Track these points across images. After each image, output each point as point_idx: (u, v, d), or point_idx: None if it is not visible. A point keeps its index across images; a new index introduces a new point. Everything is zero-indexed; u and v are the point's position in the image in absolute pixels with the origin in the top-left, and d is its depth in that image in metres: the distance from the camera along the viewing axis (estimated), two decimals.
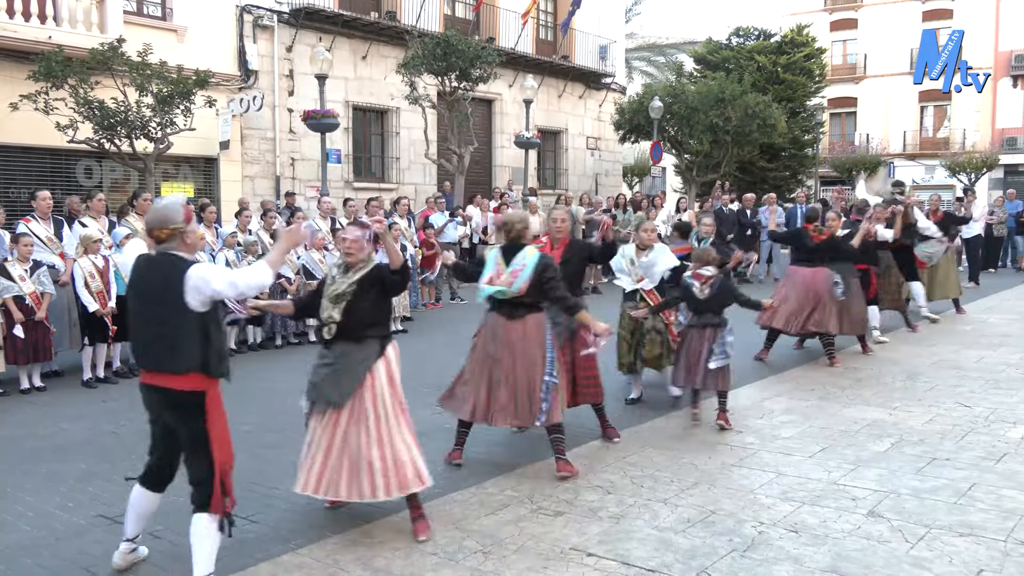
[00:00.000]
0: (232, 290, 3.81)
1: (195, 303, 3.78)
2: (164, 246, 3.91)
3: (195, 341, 3.81)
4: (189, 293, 3.76)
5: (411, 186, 20.89)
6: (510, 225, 5.67)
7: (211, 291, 3.78)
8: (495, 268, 5.56)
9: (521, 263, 5.45)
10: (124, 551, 4.23)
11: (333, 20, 19.18)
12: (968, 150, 35.08)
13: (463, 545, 4.41)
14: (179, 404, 3.87)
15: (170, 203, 4.00)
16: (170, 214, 3.91)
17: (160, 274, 3.86)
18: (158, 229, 3.90)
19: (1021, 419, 6.75)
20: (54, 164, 15.04)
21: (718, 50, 32.12)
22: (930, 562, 4.11)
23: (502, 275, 5.48)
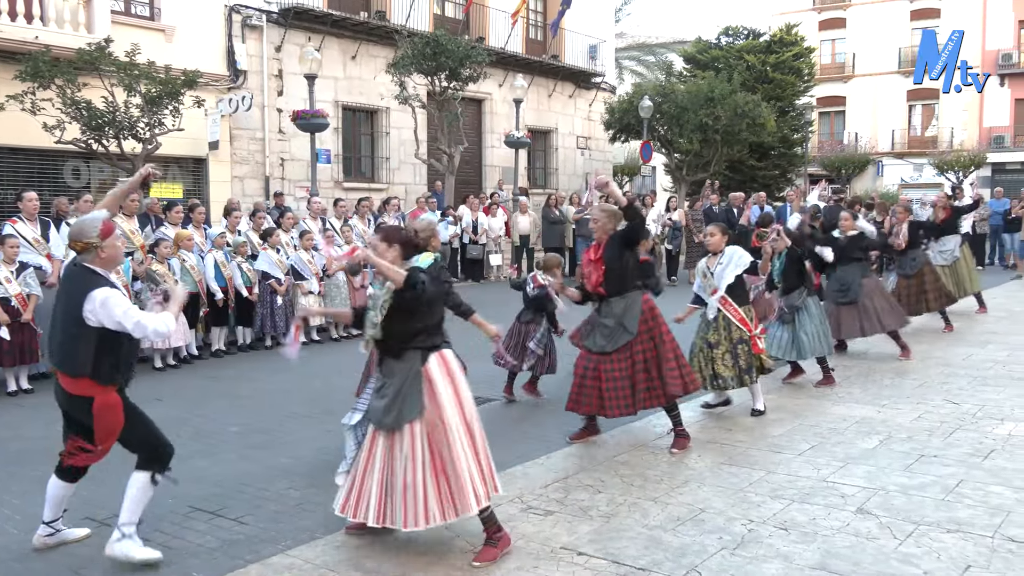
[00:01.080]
0: (138, 331, 4.10)
1: (92, 321, 4.09)
2: (80, 257, 4.24)
3: (88, 351, 4.12)
4: (87, 311, 4.07)
5: (401, 186, 20.86)
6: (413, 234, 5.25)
7: (111, 322, 4.07)
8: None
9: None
10: (41, 534, 4.48)
11: (322, 20, 19.13)
12: (956, 149, 35.28)
13: (454, 545, 4.40)
14: (72, 403, 4.27)
15: (88, 218, 4.30)
16: (85, 228, 4.21)
17: (70, 283, 4.24)
18: (73, 241, 4.24)
19: (1008, 416, 6.79)
20: (41, 165, 14.95)
21: (707, 49, 32.18)
22: (918, 558, 4.13)
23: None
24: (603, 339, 5.93)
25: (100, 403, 4.20)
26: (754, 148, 27.22)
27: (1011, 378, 8.20)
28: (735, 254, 6.79)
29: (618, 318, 5.90)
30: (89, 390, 4.18)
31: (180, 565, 4.26)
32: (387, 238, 4.42)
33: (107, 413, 4.22)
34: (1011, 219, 19.44)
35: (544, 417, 7.15)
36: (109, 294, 4.10)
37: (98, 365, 4.16)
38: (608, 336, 5.92)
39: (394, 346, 4.28)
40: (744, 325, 6.72)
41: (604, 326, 5.94)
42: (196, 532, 4.71)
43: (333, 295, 11.32)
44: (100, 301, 4.06)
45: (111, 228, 4.28)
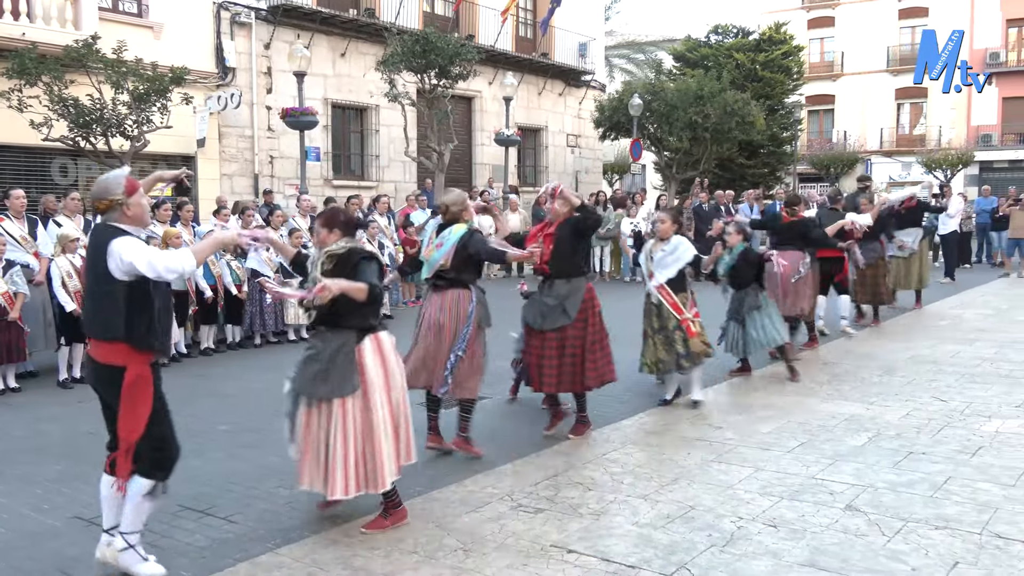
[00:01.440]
0: (150, 271, 3.84)
1: (117, 273, 3.86)
2: (105, 217, 4.02)
3: (118, 308, 3.87)
4: (111, 265, 3.86)
5: (391, 184, 20.83)
6: (445, 206, 5.84)
7: (127, 265, 3.83)
8: (428, 242, 5.82)
9: (444, 238, 5.68)
10: (104, 543, 4.18)
11: (311, 17, 19.08)
12: (944, 147, 35.47)
13: (443, 543, 4.40)
14: (102, 375, 4.00)
15: (112, 175, 4.08)
16: (110, 185, 4.00)
17: (95, 241, 4.01)
18: (97, 200, 4.01)
19: (996, 413, 6.82)
20: (28, 162, 14.88)
21: (697, 48, 32.26)
22: (906, 555, 4.14)
23: (429, 247, 5.74)
24: (540, 317, 6.17)
25: (132, 375, 3.91)
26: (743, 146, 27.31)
27: (998, 375, 8.25)
28: (680, 246, 7.06)
29: (560, 300, 6.12)
30: (123, 357, 3.91)
31: (169, 564, 4.24)
32: (327, 223, 4.59)
33: (138, 388, 3.92)
34: (998, 217, 19.55)
35: (534, 415, 7.14)
36: (124, 240, 3.88)
37: (131, 324, 3.89)
38: (546, 315, 6.14)
39: (330, 317, 4.44)
40: (676, 310, 6.97)
41: (545, 304, 6.16)
42: (185, 531, 4.69)
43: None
44: (117, 247, 3.84)
45: (136, 185, 4.07)
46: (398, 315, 13.15)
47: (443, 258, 5.64)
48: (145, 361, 3.98)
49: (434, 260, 5.68)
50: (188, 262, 3.93)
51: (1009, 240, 18.53)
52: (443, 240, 5.68)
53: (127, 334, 3.89)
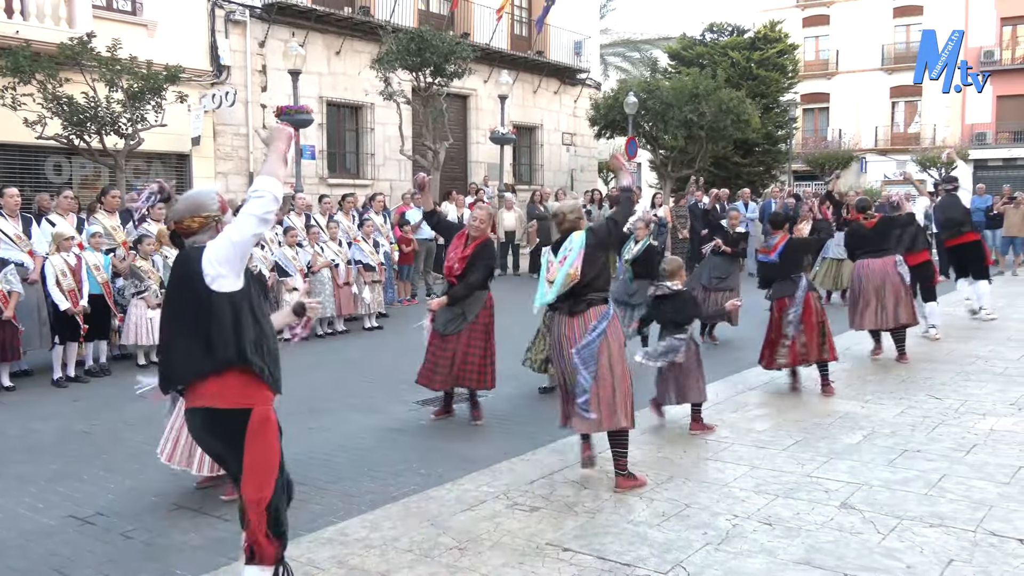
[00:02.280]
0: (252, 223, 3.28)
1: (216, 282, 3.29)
2: (196, 239, 3.47)
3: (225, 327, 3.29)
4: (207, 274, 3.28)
5: (386, 182, 20.80)
6: (561, 217, 5.35)
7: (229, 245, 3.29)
8: (547, 267, 5.22)
9: (568, 249, 5.13)
10: None
11: (306, 15, 19.04)
12: (938, 145, 35.53)
13: (439, 542, 4.40)
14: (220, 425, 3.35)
15: (204, 191, 3.61)
16: (204, 201, 3.51)
17: (185, 266, 3.40)
18: (190, 218, 3.46)
19: (991, 411, 6.84)
20: (22, 160, 14.82)
21: (692, 46, 32.25)
22: (901, 553, 4.15)
23: (552, 270, 5.15)
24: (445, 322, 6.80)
25: (260, 416, 3.32)
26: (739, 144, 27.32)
27: (993, 373, 8.27)
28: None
29: (464, 307, 6.75)
30: (245, 396, 3.30)
31: (163, 563, 4.23)
32: None
33: (265, 431, 3.33)
34: (992, 215, 19.60)
35: (529, 414, 7.15)
36: (212, 242, 3.35)
37: (241, 343, 3.28)
38: (450, 320, 6.77)
39: None
40: None
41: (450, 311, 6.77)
42: (180, 529, 4.68)
43: (318, 291, 11.28)
44: (212, 249, 3.30)
45: (226, 202, 3.61)
46: (393, 313, 13.15)
47: (572, 268, 5.04)
48: (269, 399, 3.41)
49: (562, 276, 5.04)
50: (275, 185, 3.33)
51: (1003, 238, 18.59)
52: (567, 252, 5.11)
53: (239, 355, 3.29)
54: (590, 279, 5.11)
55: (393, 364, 9.32)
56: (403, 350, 9.98)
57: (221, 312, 3.30)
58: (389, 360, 9.66)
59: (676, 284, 6.43)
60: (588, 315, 5.12)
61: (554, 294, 5.10)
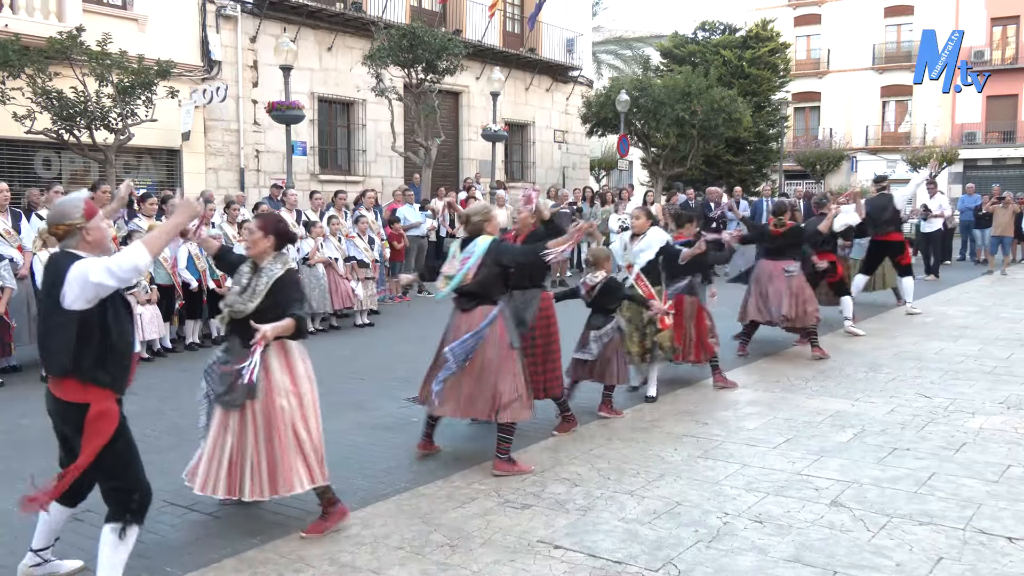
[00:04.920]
0: (112, 278, 3.53)
1: (67, 302, 3.55)
2: (64, 244, 3.72)
3: (67, 341, 3.57)
4: (64, 292, 3.55)
5: (377, 179, 20.75)
6: (465, 219, 5.65)
7: (91, 286, 3.53)
8: (451, 259, 5.56)
9: (470, 252, 5.44)
10: (27, 563, 4.03)
11: (298, 11, 18.97)
12: (929, 145, 35.71)
13: (430, 539, 4.39)
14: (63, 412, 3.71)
15: (69, 198, 3.80)
16: (67, 209, 3.71)
17: (52, 272, 3.67)
18: (54, 226, 3.71)
19: (980, 409, 6.87)
20: (11, 155, 14.73)
21: (684, 44, 32.31)
22: (891, 550, 4.17)
23: (452, 263, 5.50)
24: None
25: (96, 411, 3.64)
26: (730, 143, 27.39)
27: (982, 372, 8.31)
28: (655, 237, 7.23)
29: (518, 311, 6.09)
30: (83, 394, 3.63)
31: (153, 560, 4.21)
32: (264, 227, 4.52)
33: (100, 421, 3.65)
34: (982, 215, 19.70)
35: None
36: (81, 263, 3.57)
37: (79, 358, 3.59)
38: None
39: (243, 330, 4.34)
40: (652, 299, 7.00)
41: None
42: (170, 527, 4.67)
43: (312, 286, 11.24)
44: (75, 273, 3.54)
45: (95, 209, 3.78)
46: (385, 311, 13.13)
47: (468, 272, 5.35)
48: (111, 398, 3.71)
49: (459, 277, 5.38)
50: (142, 256, 3.60)
51: (992, 237, 18.69)
52: (469, 254, 5.42)
53: (74, 367, 3.61)
54: (483, 286, 5.41)
55: (384, 361, 9.30)
56: (394, 348, 9.97)
57: (67, 325, 3.59)
58: (380, 357, 9.64)
59: (601, 274, 6.71)
60: (475, 314, 5.41)
61: (447, 291, 5.48)
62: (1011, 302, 13.43)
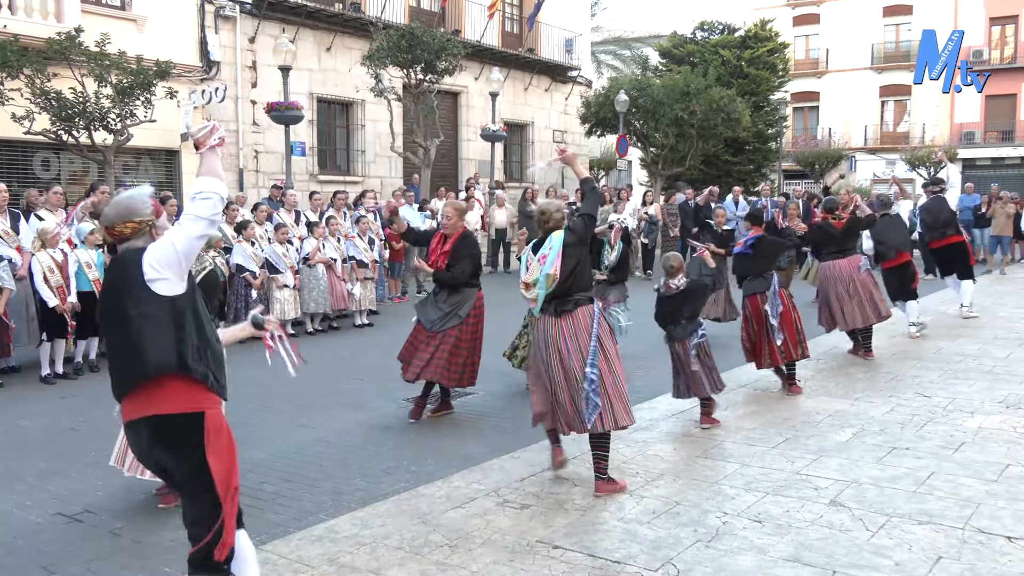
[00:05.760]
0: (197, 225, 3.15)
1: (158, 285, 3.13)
2: (129, 244, 3.27)
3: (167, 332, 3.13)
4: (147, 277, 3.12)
5: (376, 179, 20.75)
6: (547, 216, 5.21)
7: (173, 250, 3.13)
8: (526, 266, 5.17)
9: (548, 247, 5.05)
10: None
11: (296, 11, 18.97)
12: (927, 144, 35.70)
13: (429, 539, 4.39)
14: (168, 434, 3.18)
15: (135, 193, 3.36)
16: (135, 206, 3.27)
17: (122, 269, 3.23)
18: (122, 224, 3.25)
19: (979, 409, 6.87)
20: (10, 156, 14.72)
21: (683, 44, 32.31)
22: (890, 550, 4.17)
23: (530, 270, 5.09)
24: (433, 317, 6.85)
25: (214, 420, 3.19)
26: (729, 143, 27.39)
27: (981, 371, 8.31)
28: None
29: (454, 305, 6.81)
30: (193, 401, 3.15)
31: (153, 561, 4.21)
32: None
33: (223, 436, 3.21)
34: (981, 214, 19.71)
35: (519, 411, 7.13)
36: (153, 245, 3.18)
37: (183, 349, 3.12)
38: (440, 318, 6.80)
39: None
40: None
41: (439, 308, 6.84)
42: (168, 528, 4.66)
43: (311, 287, 11.25)
44: (154, 251, 3.14)
45: (160, 205, 3.39)
46: (384, 311, 13.13)
47: (552, 268, 4.96)
48: (217, 403, 3.26)
49: (543, 277, 4.98)
50: (220, 186, 3.22)
51: (991, 237, 18.70)
52: (547, 251, 5.03)
53: (180, 362, 3.12)
54: (572, 277, 5.02)
55: (383, 361, 9.30)
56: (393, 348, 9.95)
57: (161, 316, 3.13)
58: (379, 357, 9.64)
59: (683, 279, 6.46)
60: (576, 316, 5.02)
61: (541, 298, 5.03)
62: (1010, 301, 13.43)
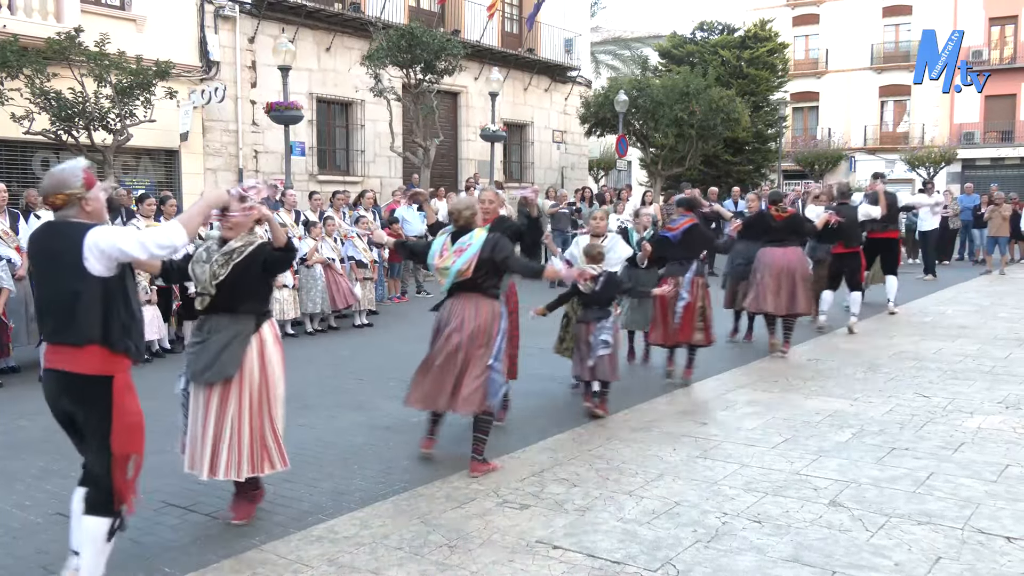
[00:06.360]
0: (143, 252, 3.53)
1: (95, 266, 3.50)
2: (60, 214, 3.63)
3: (94, 309, 3.51)
4: (86, 257, 3.48)
5: (376, 179, 20.76)
6: (456, 213, 5.65)
7: (116, 251, 3.50)
8: (440, 249, 5.57)
9: (467, 243, 5.47)
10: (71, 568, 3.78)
11: (296, 11, 18.98)
12: (927, 145, 35.72)
13: (428, 539, 4.39)
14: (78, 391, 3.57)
15: (67, 166, 3.69)
16: (66, 178, 3.61)
17: (54, 239, 3.61)
18: (53, 195, 3.60)
19: (978, 409, 6.88)
20: (9, 156, 14.73)
21: (682, 44, 32.33)
22: (890, 550, 4.17)
23: (446, 253, 5.50)
24: None
25: (122, 384, 3.57)
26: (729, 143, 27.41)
27: (980, 372, 8.31)
28: (617, 243, 7.34)
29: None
30: (105, 365, 3.53)
31: (152, 560, 4.21)
32: None
33: (129, 399, 3.60)
34: (980, 215, 19.73)
35: (519, 411, 7.13)
36: (99, 229, 3.53)
37: (108, 325, 3.52)
38: None
39: (227, 304, 4.46)
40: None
41: None
42: (168, 527, 4.66)
43: (309, 287, 11.24)
44: (94, 238, 3.48)
45: (94, 178, 3.70)
46: (384, 311, 13.12)
47: (465, 265, 5.42)
48: (128, 368, 3.68)
49: (455, 270, 5.45)
50: (179, 235, 3.61)
51: (988, 238, 18.74)
52: (462, 246, 5.45)
53: (104, 336, 3.53)
54: (479, 279, 5.47)
55: (383, 361, 9.30)
56: (393, 348, 9.96)
57: (93, 293, 3.51)
58: (379, 357, 9.65)
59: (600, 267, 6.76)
60: (480, 306, 5.46)
61: (447, 285, 5.55)
62: (1010, 302, 13.44)
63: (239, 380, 4.41)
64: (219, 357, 4.38)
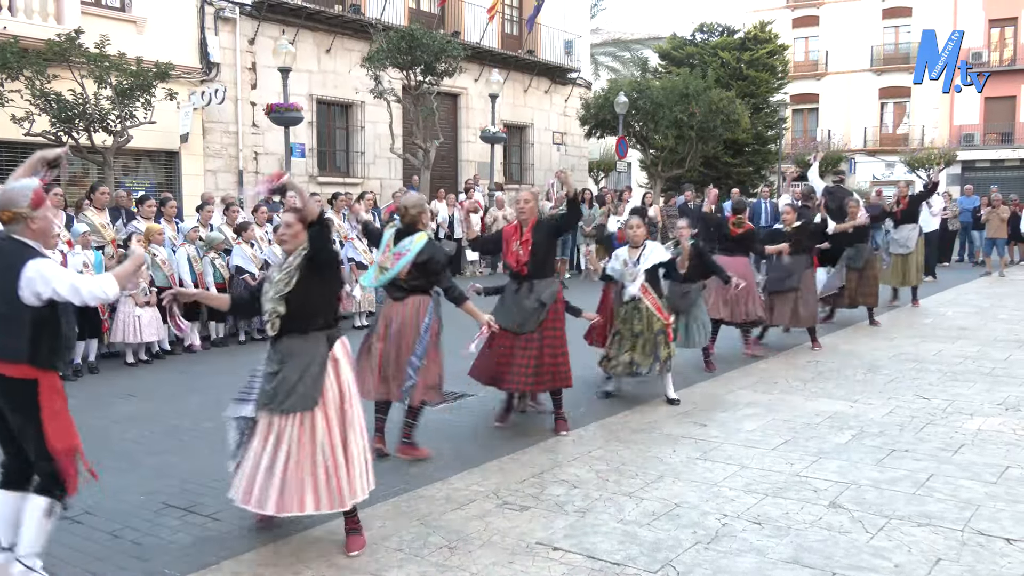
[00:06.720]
0: (75, 296, 3.69)
1: (28, 297, 3.65)
2: (9, 229, 3.75)
3: (23, 333, 3.66)
4: (22, 287, 3.63)
5: (376, 181, 20.76)
6: (403, 210, 5.71)
7: (50, 291, 3.65)
8: (384, 248, 5.68)
9: (406, 248, 5.56)
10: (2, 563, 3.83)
11: (296, 13, 18.98)
12: (927, 146, 35.72)
13: (428, 541, 4.39)
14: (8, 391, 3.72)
15: (18, 185, 3.83)
16: (14, 196, 3.74)
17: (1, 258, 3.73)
18: (1, 211, 3.73)
19: (978, 411, 6.88)
20: (9, 157, 14.70)
21: (682, 46, 32.32)
22: (890, 552, 4.17)
23: (387, 255, 5.62)
24: (520, 318, 6.20)
25: (48, 386, 3.75)
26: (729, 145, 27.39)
27: (980, 373, 8.32)
28: (656, 248, 7.26)
29: (540, 298, 6.19)
30: (33, 374, 3.72)
31: (152, 562, 4.21)
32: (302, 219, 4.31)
33: (57, 399, 3.76)
34: (979, 216, 19.74)
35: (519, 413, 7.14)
36: (40, 263, 3.67)
37: (36, 349, 3.70)
38: (527, 317, 6.19)
39: (298, 324, 4.24)
40: (661, 314, 7.07)
41: (523, 307, 6.20)
42: (168, 529, 4.66)
43: None
44: (37, 272, 3.63)
45: (43, 197, 3.81)
46: None
47: (402, 269, 5.56)
48: (55, 375, 3.83)
49: (392, 272, 5.60)
50: (111, 288, 3.78)
51: (986, 239, 18.75)
52: (402, 251, 5.57)
53: (32, 358, 3.70)
54: (413, 281, 5.61)
55: None
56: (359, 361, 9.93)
57: (23, 319, 3.68)
58: None
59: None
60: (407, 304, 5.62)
61: (379, 283, 5.71)
62: (1009, 303, 13.44)
63: (322, 407, 4.19)
64: (298, 385, 4.15)
